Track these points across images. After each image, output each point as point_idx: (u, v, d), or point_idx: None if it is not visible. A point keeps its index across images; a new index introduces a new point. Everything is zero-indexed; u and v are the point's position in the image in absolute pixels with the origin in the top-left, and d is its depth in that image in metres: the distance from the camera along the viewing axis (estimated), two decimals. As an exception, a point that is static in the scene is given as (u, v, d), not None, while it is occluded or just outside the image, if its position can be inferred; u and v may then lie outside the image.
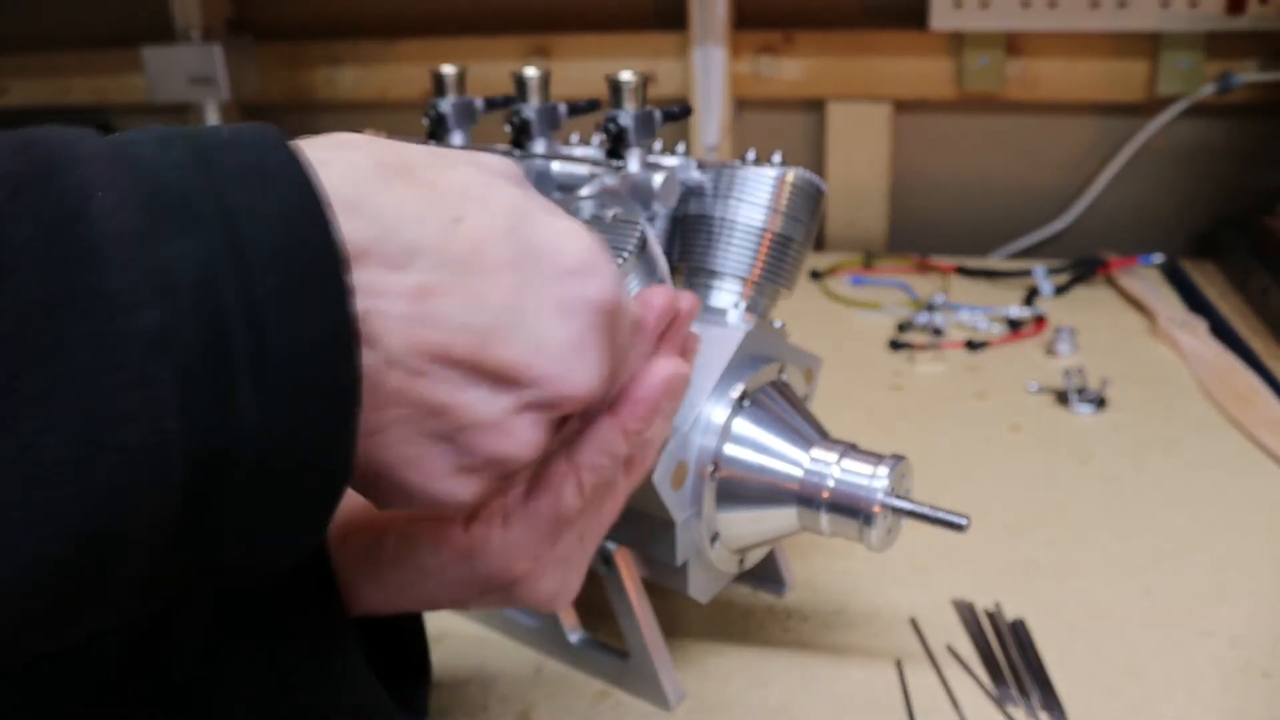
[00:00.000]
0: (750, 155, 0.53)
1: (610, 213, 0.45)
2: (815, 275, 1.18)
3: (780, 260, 0.51)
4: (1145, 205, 1.25)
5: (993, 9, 1.16)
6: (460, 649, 0.57)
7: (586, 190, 0.51)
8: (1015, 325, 1.00)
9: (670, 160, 0.53)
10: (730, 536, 0.50)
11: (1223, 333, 0.96)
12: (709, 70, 1.27)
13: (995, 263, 1.21)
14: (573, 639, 0.55)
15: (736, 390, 0.49)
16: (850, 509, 0.47)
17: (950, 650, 0.55)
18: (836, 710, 0.51)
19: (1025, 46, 1.20)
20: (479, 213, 0.29)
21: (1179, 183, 1.24)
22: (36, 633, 0.24)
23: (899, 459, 0.48)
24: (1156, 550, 0.63)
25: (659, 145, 0.55)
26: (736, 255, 0.51)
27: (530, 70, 0.56)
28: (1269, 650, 0.54)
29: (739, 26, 1.28)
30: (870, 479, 0.47)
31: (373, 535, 0.37)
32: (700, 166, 0.53)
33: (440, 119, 0.59)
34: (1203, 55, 1.14)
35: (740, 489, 0.48)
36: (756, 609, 0.59)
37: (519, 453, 0.30)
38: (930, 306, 1.04)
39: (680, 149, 0.55)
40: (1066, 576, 0.61)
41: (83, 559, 0.23)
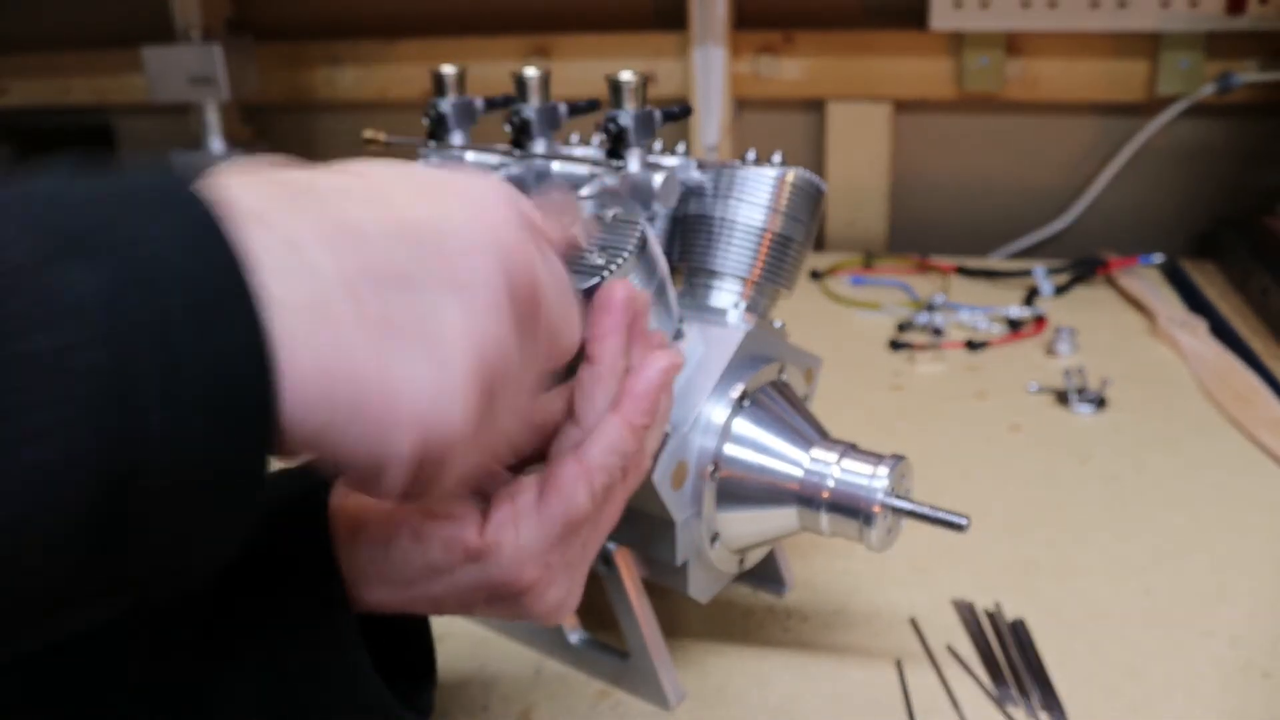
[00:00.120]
0: (750, 155, 0.53)
1: (610, 213, 0.45)
2: (815, 275, 1.18)
3: (780, 260, 0.51)
4: (1145, 205, 1.25)
5: (993, 9, 1.16)
6: (460, 649, 0.57)
7: (586, 190, 0.51)
8: (1015, 325, 1.00)
9: (670, 160, 0.53)
10: (730, 536, 0.50)
11: (1223, 333, 0.96)
12: (709, 70, 1.27)
13: (995, 263, 1.21)
14: (573, 639, 0.55)
15: (736, 390, 0.49)
16: (850, 509, 0.47)
17: (950, 650, 0.55)
18: (836, 710, 0.51)
19: (1025, 46, 1.20)
20: (373, 166, 0.32)
21: (1179, 183, 1.24)
22: None
23: (899, 459, 0.48)
24: (1156, 550, 0.63)
25: (659, 145, 0.55)
26: (736, 255, 0.51)
27: (530, 70, 0.56)
28: (1269, 650, 0.54)
29: (739, 26, 1.28)
30: (870, 479, 0.47)
31: (385, 533, 0.37)
32: (700, 166, 0.53)
33: (440, 119, 0.59)
34: (1203, 55, 1.14)
35: (740, 489, 0.48)
36: (756, 609, 0.59)
37: (486, 329, 0.30)
38: (930, 306, 1.04)
39: (680, 149, 0.55)
40: (1066, 576, 0.61)
41: None
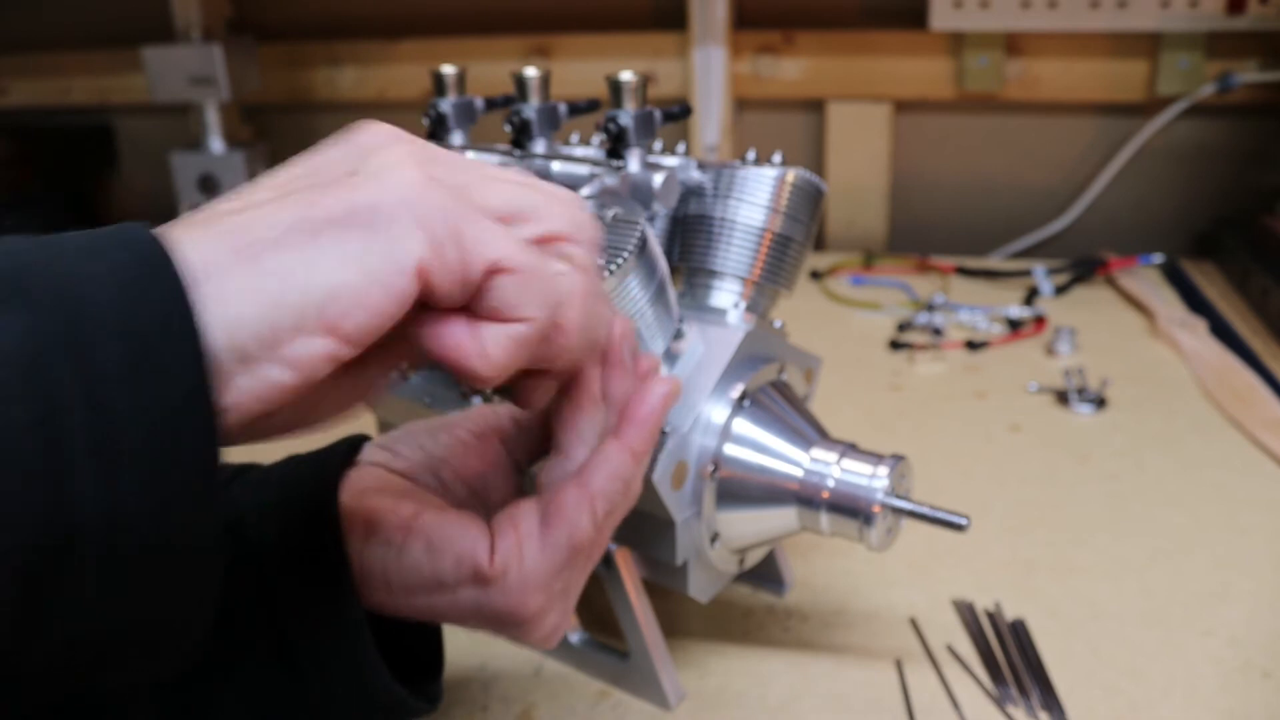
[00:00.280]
0: (750, 155, 0.53)
1: (610, 213, 0.45)
2: (815, 275, 1.18)
3: (780, 260, 0.51)
4: (1145, 205, 1.25)
5: (993, 9, 1.16)
6: (460, 648, 0.57)
7: (586, 190, 0.51)
8: (1015, 325, 1.00)
9: (670, 160, 0.53)
10: (730, 536, 0.50)
11: (1223, 333, 0.96)
12: (709, 70, 1.27)
13: (995, 263, 1.21)
14: (573, 639, 0.55)
15: (736, 390, 0.49)
16: (850, 509, 0.47)
17: (950, 650, 0.55)
18: (836, 710, 0.51)
19: (1025, 46, 1.20)
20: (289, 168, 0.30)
21: (1179, 183, 1.24)
22: None
23: (899, 459, 0.48)
24: (1156, 550, 0.63)
25: (659, 145, 0.55)
26: (736, 255, 0.51)
27: (530, 70, 0.56)
28: (1269, 650, 0.54)
29: (739, 26, 1.28)
30: (870, 479, 0.47)
31: (400, 537, 0.37)
32: (700, 166, 0.53)
33: (440, 119, 0.59)
34: (1203, 55, 1.14)
35: (740, 489, 0.48)
36: (756, 609, 0.59)
37: (398, 189, 0.28)
38: (930, 306, 1.04)
39: (680, 149, 0.55)
40: (1066, 576, 0.61)
41: None
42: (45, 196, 1.51)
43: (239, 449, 0.29)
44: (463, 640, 0.57)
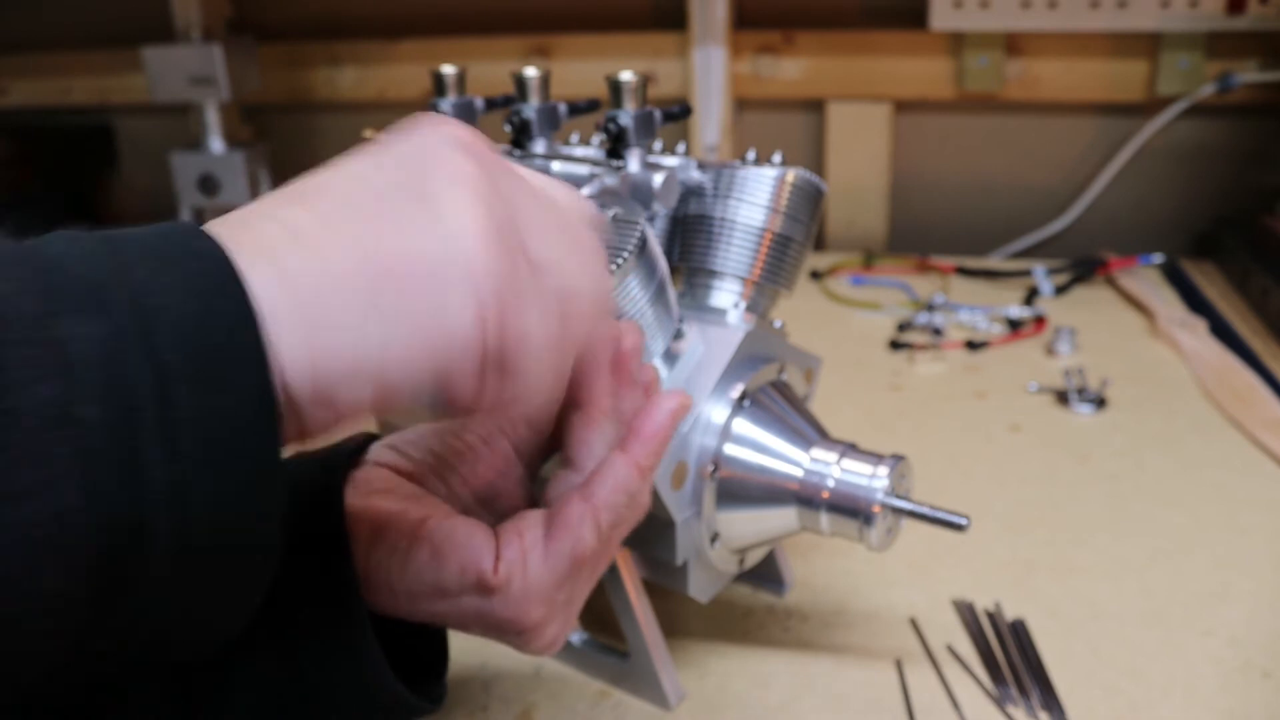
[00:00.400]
0: (750, 155, 0.53)
1: (610, 213, 0.45)
2: (815, 275, 1.18)
3: (780, 260, 0.51)
4: (1145, 205, 1.25)
5: (993, 9, 1.16)
6: (461, 648, 0.56)
7: (586, 190, 0.51)
8: (1015, 325, 1.00)
9: (670, 160, 0.53)
10: (730, 536, 0.50)
11: (1223, 333, 0.96)
12: (709, 70, 1.27)
13: (995, 263, 1.21)
14: (573, 639, 0.55)
15: (736, 390, 0.49)
16: (850, 509, 0.47)
17: (950, 650, 0.55)
18: (836, 710, 0.51)
19: (1025, 46, 1.20)
20: (340, 175, 0.30)
21: (1179, 183, 1.24)
22: None
23: (899, 459, 0.48)
24: (1156, 550, 0.63)
25: (659, 145, 0.55)
26: (736, 255, 0.51)
27: (530, 70, 0.56)
28: (1269, 650, 0.54)
29: (739, 26, 1.28)
30: (870, 479, 0.47)
31: (406, 543, 0.37)
32: (700, 166, 0.53)
33: (440, 119, 0.59)
34: (1203, 55, 1.14)
35: (740, 489, 0.48)
36: (756, 609, 0.59)
37: (472, 243, 0.29)
38: (930, 306, 1.04)
39: (680, 149, 0.55)
40: (1066, 576, 0.61)
41: None
42: (45, 196, 1.51)
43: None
44: (463, 640, 0.57)
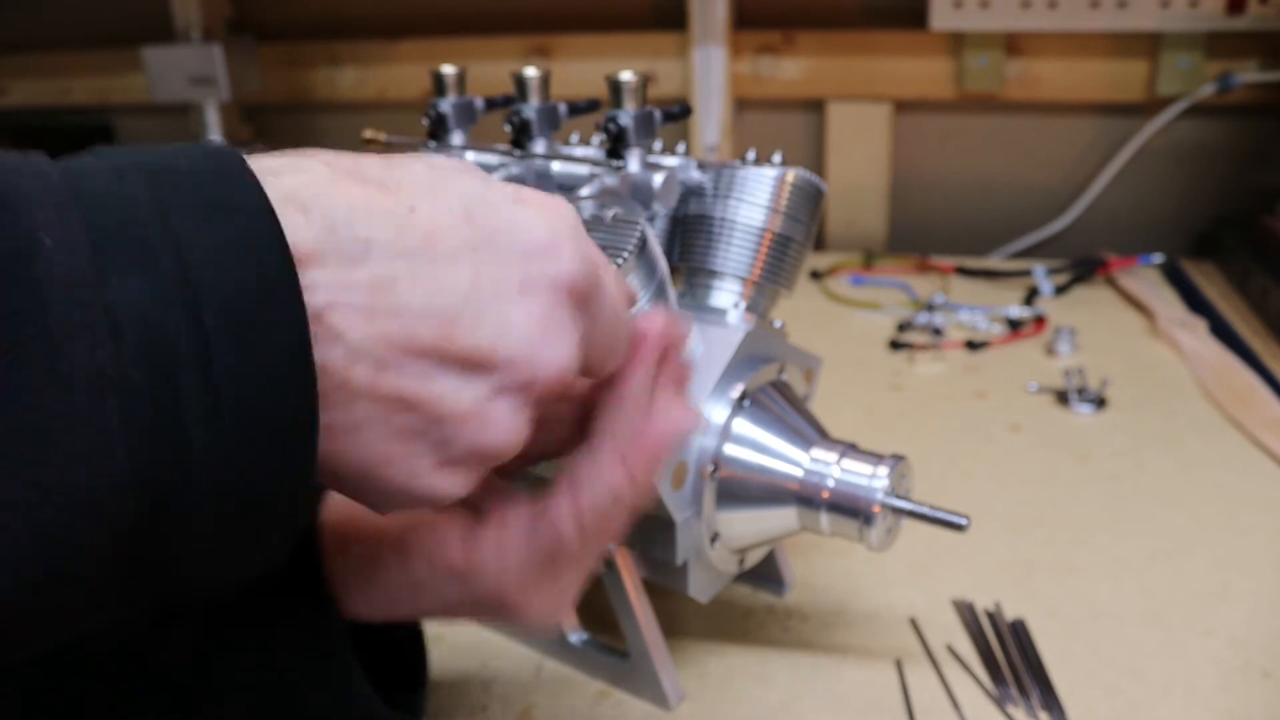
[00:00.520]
0: (750, 155, 0.53)
1: (610, 213, 0.45)
2: (815, 275, 1.18)
3: (780, 260, 0.51)
4: (1145, 205, 1.25)
5: (993, 9, 1.16)
6: (460, 649, 0.57)
7: (586, 190, 0.51)
8: (1015, 325, 1.00)
9: (670, 160, 0.53)
10: (730, 536, 0.50)
11: (1223, 333, 0.96)
12: (709, 70, 1.27)
13: (995, 263, 1.21)
14: (573, 639, 0.55)
15: (736, 390, 0.49)
16: (850, 509, 0.47)
17: (950, 650, 0.55)
18: (836, 710, 0.51)
19: (1025, 46, 1.20)
20: (431, 201, 0.29)
21: (1179, 183, 1.24)
22: None
23: (899, 459, 0.48)
24: (1156, 550, 0.63)
25: (659, 145, 0.55)
26: (736, 255, 0.51)
27: (530, 70, 0.56)
28: (1269, 650, 0.54)
29: (739, 26, 1.28)
30: (870, 479, 0.47)
31: (371, 546, 0.37)
32: (700, 166, 0.53)
33: (440, 119, 0.59)
34: (1203, 55, 1.14)
35: (740, 489, 0.48)
36: (756, 609, 0.59)
37: (501, 440, 0.30)
38: (930, 306, 1.04)
39: (680, 149, 0.55)
40: (1066, 576, 0.61)
41: (32, 596, 0.23)
42: (45, 196, 1.51)
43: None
44: (463, 640, 0.57)
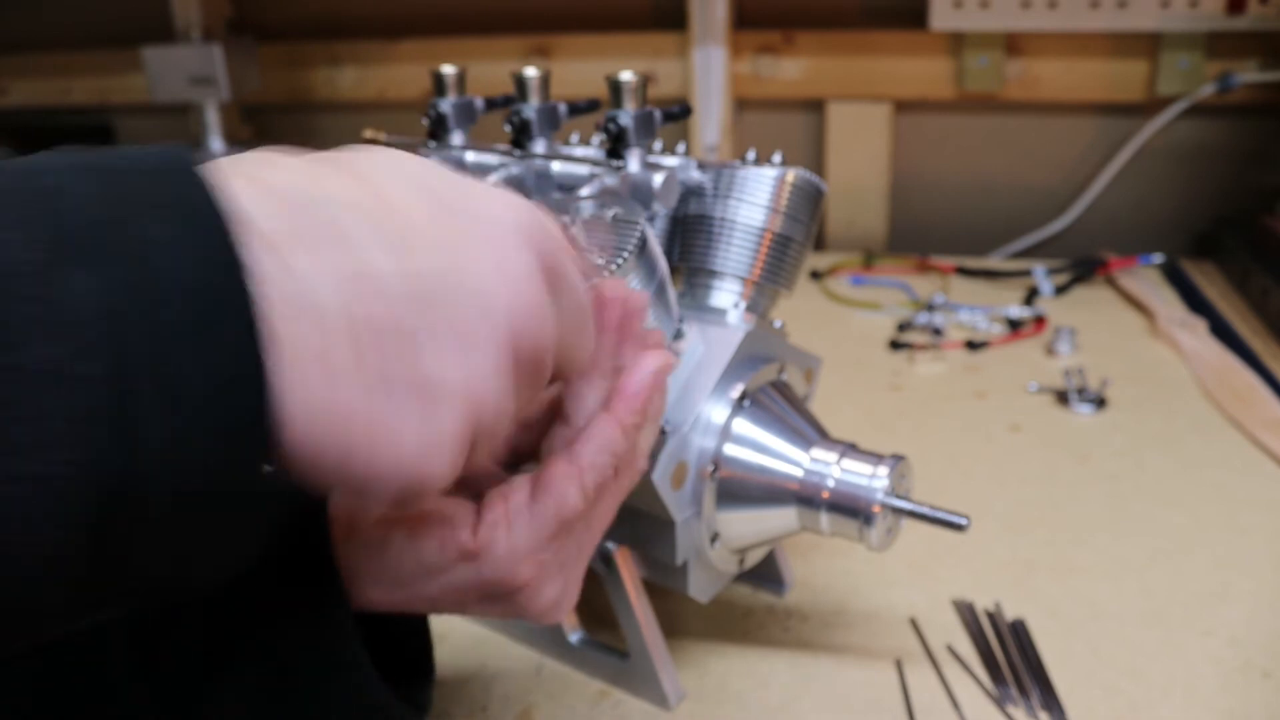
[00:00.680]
0: (750, 155, 0.53)
1: (610, 213, 0.45)
2: (815, 275, 1.18)
3: (780, 260, 0.51)
4: (1145, 205, 1.25)
5: (993, 9, 1.16)
6: (461, 648, 0.57)
7: (586, 190, 0.51)
8: (1015, 325, 1.00)
9: (670, 160, 0.53)
10: (730, 536, 0.50)
11: (1223, 333, 0.96)
12: (709, 70, 1.27)
13: (995, 263, 1.21)
14: (573, 639, 0.55)
15: (736, 390, 0.49)
16: (850, 509, 0.47)
17: (950, 650, 0.55)
18: (836, 710, 0.51)
19: (1025, 46, 1.20)
20: (395, 181, 0.30)
21: (1179, 183, 1.24)
22: None
23: (899, 459, 0.48)
24: (1156, 550, 0.63)
25: (659, 145, 0.55)
26: (736, 255, 0.51)
27: (530, 70, 0.56)
28: (1269, 650, 0.54)
29: (739, 26, 1.28)
30: (870, 479, 0.47)
31: (379, 533, 0.37)
32: (700, 166, 0.53)
33: (440, 119, 0.59)
34: (1203, 55, 1.14)
35: (740, 489, 0.48)
36: (756, 609, 0.59)
37: (483, 392, 0.30)
38: (930, 306, 1.04)
39: (680, 149, 0.55)
40: (1066, 576, 0.61)
41: None
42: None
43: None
44: (463, 640, 0.57)
